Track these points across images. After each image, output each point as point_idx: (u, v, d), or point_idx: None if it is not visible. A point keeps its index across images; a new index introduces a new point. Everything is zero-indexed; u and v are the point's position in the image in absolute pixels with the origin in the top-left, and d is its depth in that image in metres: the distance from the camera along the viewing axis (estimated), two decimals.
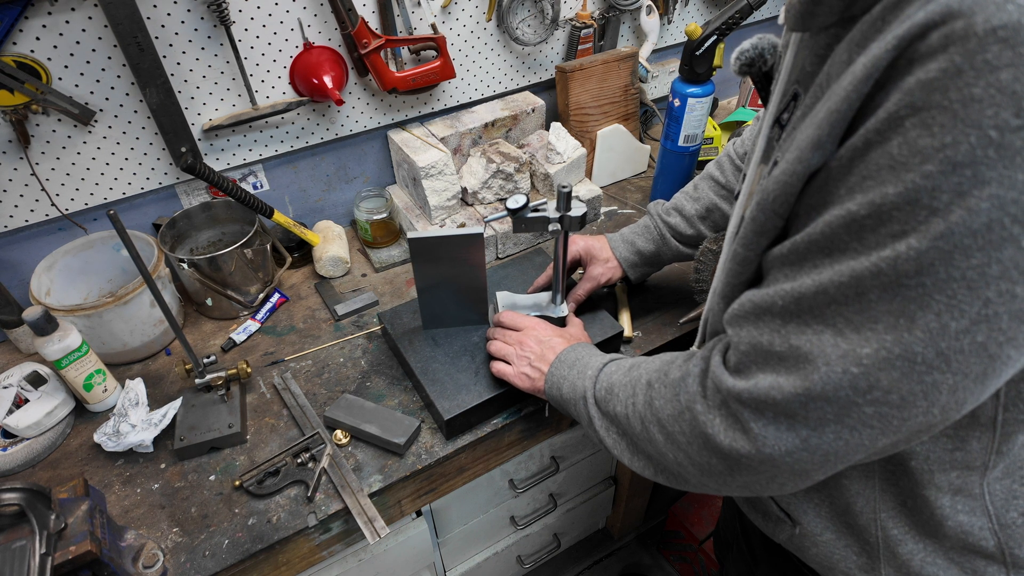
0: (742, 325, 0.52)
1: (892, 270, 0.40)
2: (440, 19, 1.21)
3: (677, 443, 0.58)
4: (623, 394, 0.67)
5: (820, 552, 0.66)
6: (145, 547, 0.79)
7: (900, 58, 0.38)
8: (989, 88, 0.35)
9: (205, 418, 0.93)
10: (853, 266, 0.42)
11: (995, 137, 0.35)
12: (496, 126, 1.32)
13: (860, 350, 0.43)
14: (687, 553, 1.63)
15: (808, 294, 0.45)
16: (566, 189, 0.81)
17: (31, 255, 1.07)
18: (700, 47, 1.13)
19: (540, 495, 1.30)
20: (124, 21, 0.92)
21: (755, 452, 0.50)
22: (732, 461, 0.52)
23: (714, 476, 0.56)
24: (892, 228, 0.39)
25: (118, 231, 0.75)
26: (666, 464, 0.61)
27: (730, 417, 0.52)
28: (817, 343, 0.45)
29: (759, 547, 0.85)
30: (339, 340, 1.09)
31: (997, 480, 0.54)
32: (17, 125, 0.94)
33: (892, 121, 0.39)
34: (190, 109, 1.07)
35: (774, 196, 0.49)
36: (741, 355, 0.51)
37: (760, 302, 0.49)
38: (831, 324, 0.44)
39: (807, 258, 0.46)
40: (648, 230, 1.03)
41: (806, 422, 0.47)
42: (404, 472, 0.89)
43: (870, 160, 0.40)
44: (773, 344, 0.48)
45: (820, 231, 0.44)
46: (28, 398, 0.93)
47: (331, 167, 1.29)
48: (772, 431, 0.48)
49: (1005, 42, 0.34)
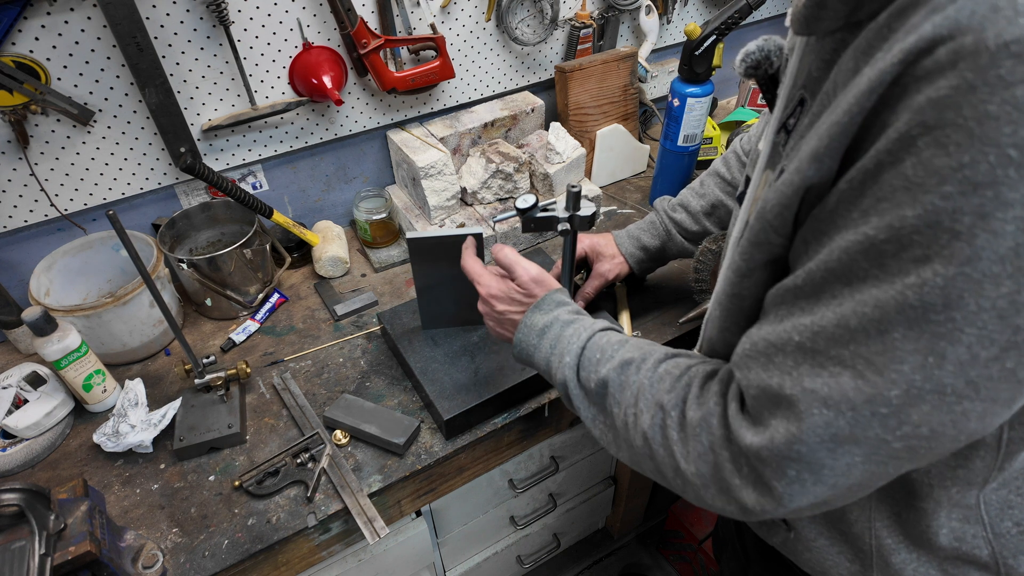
0: (750, 367, 0.49)
1: (919, 300, 0.38)
2: (439, 19, 1.21)
3: (686, 478, 0.54)
4: (621, 397, 0.61)
5: (813, 557, 0.66)
6: (144, 547, 0.79)
7: (905, 74, 0.37)
8: (1005, 105, 0.33)
9: (204, 418, 0.93)
10: (877, 295, 0.40)
11: (1015, 156, 0.34)
12: (495, 126, 1.32)
13: (888, 392, 0.41)
14: (687, 553, 1.63)
15: (828, 327, 0.42)
16: (575, 189, 0.81)
17: (30, 255, 1.07)
18: (699, 47, 1.13)
19: (540, 495, 1.30)
20: (123, 21, 0.92)
21: (780, 508, 0.48)
22: (750, 514, 0.51)
23: (721, 509, 0.53)
24: (914, 253, 0.38)
25: (117, 231, 0.75)
26: (659, 474, 0.58)
27: (752, 473, 0.49)
28: (836, 387, 0.42)
29: (752, 548, 0.85)
30: (338, 340, 1.09)
31: (993, 491, 0.54)
32: (16, 125, 0.94)
33: (904, 141, 0.37)
34: (189, 109, 1.07)
35: (771, 206, 0.48)
36: (752, 400, 0.49)
37: (775, 340, 0.47)
38: (850, 366, 0.42)
39: (824, 288, 0.43)
40: (654, 226, 1.03)
41: (833, 471, 0.44)
42: (404, 472, 0.89)
43: (883, 182, 0.39)
44: (783, 387, 0.45)
45: (837, 258, 0.42)
46: (27, 398, 0.93)
47: (330, 167, 1.29)
48: (797, 488, 0.46)
49: (1018, 57, 0.33)
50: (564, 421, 1.06)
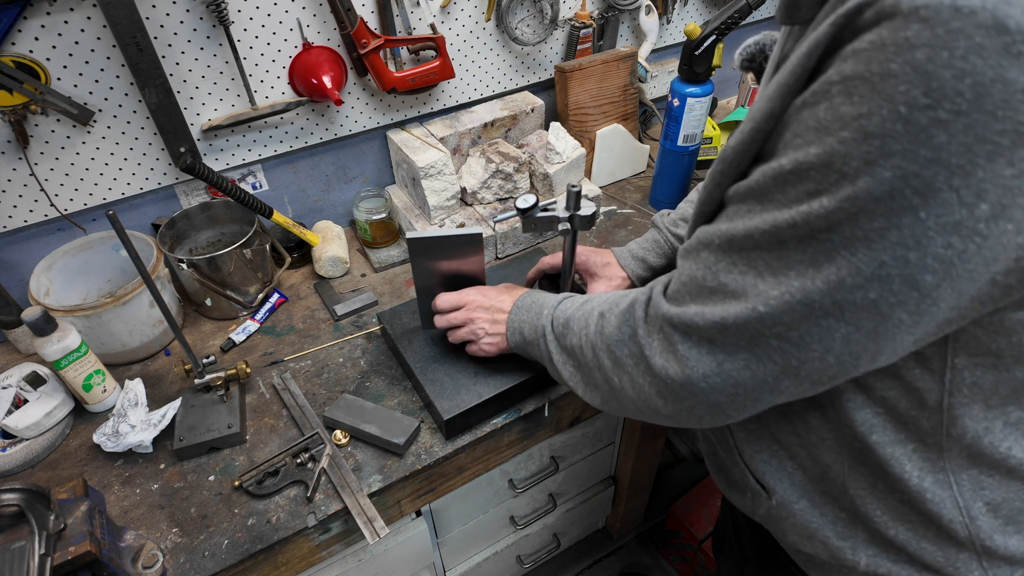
0: (687, 258, 0.56)
1: (806, 224, 0.44)
2: (439, 19, 1.21)
3: (623, 367, 0.62)
4: (577, 326, 0.71)
5: (798, 523, 0.66)
6: (144, 547, 0.79)
7: (844, 31, 0.41)
8: (905, 65, 0.37)
9: (204, 418, 0.93)
10: (776, 216, 0.46)
11: (904, 113, 0.37)
12: (495, 126, 1.32)
13: (771, 291, 0.47)
14: (687, 553, 1.63)
15: (738, 236, 0.49)
16: (576, 188, 0.82)
17: (30, 255, 1.07)
18: (699, 47, 1.13)
19: (540, 495, 1.30)
20: (123, 21, 0.92)
21: (680, 374, 0.55)
22: (661, 383, 0.57)
23: (648, 402, 0.60)
24: (808, 186, 0.43)
25: (117, 231, 0.75)
26: (611, 391, 0.65)
27: (664, 340, 0.57)
28: (740, 282, 0.49)
29: (749, 546, 0.85)
30: (338, 340, 1.09)
31: (963, 469, 0.54)
32: (16, 125, 0.94)
33: (824, 85, 0.42)
34: (189, 109, 1.07)
35: (731, 158, 0.52)
36: (680, 285, 0.56)
37: (703, 237, 0.54)
38: (754, 266, 0.48)
39: (743, 203, 0.50)
40: (658, 245, 1.00)
41: (723, 347, 0.52)
42: (404, 472, 0.89)
43: (802, 120, 0.44)
44: (706, 279, 0.53)
45: (756, 180, 0.48)
46: (27, 398, 0.93)
47: (330, 167, 1.29)
48: (695, 353, 0.53)
49: (925, 22, 0.36)
50: (564, 421, 1.06)
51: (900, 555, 0.60)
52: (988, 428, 0.52)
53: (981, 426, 0.52)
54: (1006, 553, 0.57)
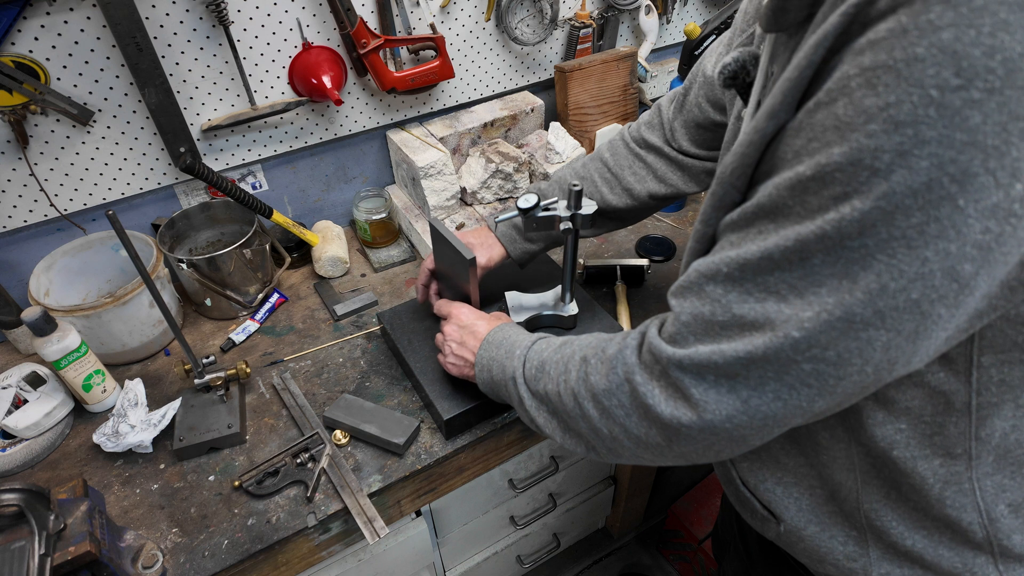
0: (684, 296, 0.52)
1: (836, 232, 0.40)
2: (439, 19, 1.21)
3: (613, 417, 0.58)
4: (554, 371, 0.66)
5: (807, 547, 0.66)
6: (144, 547, 0.79)
7: (853, 23, 0.39)
8: (932, 48, 0.35)
9: (204, 418, 0.93)
10: (798, 230, 0.42)
11: (936, 96, 0.36)
12: (495, 126, 1.32)
13: (802, 314, 0.43)
14: (687, 552, 1.63)
15: (752, 261, 0.45)
16: (577, 187, 0.82)
17: (30, 255, 1.07)
18: (699, 47, 1.13)
19: (540, 495, 1.30)
20: (122, 21, 0.92)
21: (696, 419, 0.50)
22: (672, 431, 0.53)
23: (651, 448, 0.56)
24: (835, 190, 0.40)
25: (117, 231, 0.75)
26: (599, 440, 0.61)
27: (670, 386, 0.52)
28: (760, 311, 0.46)
29: (755, 547, 0.85)
30: (338, 340, 1.09)
31: (988, 476, 0.54)
32: (15, 125, 0.94)
33: (841, 82, 0.39)
34: (189, 109, 1.07)
35: (732, 168, 0.49)
36: (681, 326, 0.52)
37: (705, 271, 0.50)
38: (774, 291, 0.45)
39: (753, 224, 0.46)
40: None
41: (747, 382, 0.47)
42: (403, 472, 0.89)
43: (817, 122, 0.41)
44: (715, 315, 0.48)
45: (767, 195, 0.45)
46: (27, 399, 0.93)
47: (330, 167, 1.29)
48: (713, 395, 0.49)
49: (947, 3, 0.34)
50: None
51: (915, 567, 0.59)
52: (1016, 426, 0.51)
53: (1009, 424, 0.51)
54: (1022, 552, 0.56)
